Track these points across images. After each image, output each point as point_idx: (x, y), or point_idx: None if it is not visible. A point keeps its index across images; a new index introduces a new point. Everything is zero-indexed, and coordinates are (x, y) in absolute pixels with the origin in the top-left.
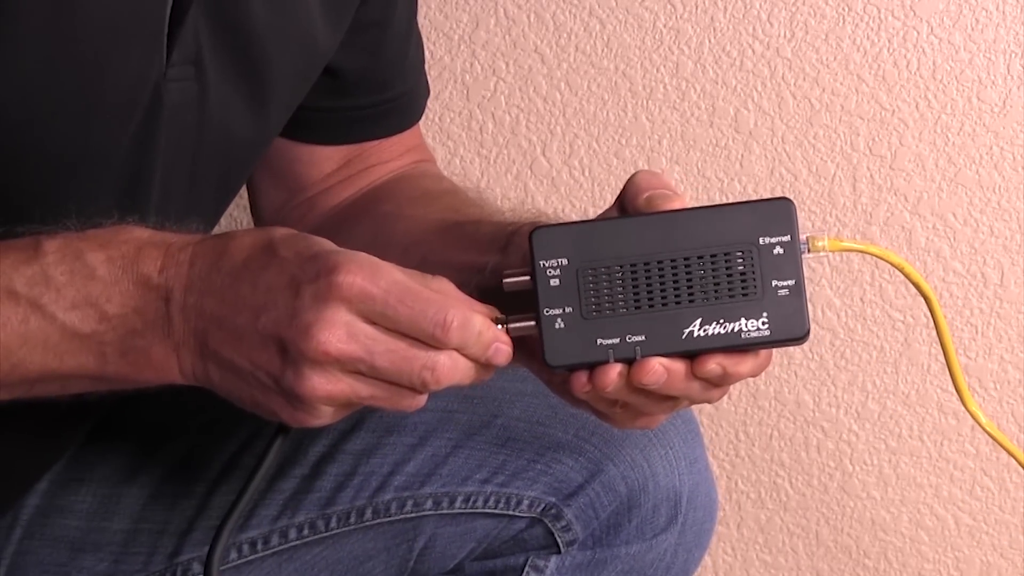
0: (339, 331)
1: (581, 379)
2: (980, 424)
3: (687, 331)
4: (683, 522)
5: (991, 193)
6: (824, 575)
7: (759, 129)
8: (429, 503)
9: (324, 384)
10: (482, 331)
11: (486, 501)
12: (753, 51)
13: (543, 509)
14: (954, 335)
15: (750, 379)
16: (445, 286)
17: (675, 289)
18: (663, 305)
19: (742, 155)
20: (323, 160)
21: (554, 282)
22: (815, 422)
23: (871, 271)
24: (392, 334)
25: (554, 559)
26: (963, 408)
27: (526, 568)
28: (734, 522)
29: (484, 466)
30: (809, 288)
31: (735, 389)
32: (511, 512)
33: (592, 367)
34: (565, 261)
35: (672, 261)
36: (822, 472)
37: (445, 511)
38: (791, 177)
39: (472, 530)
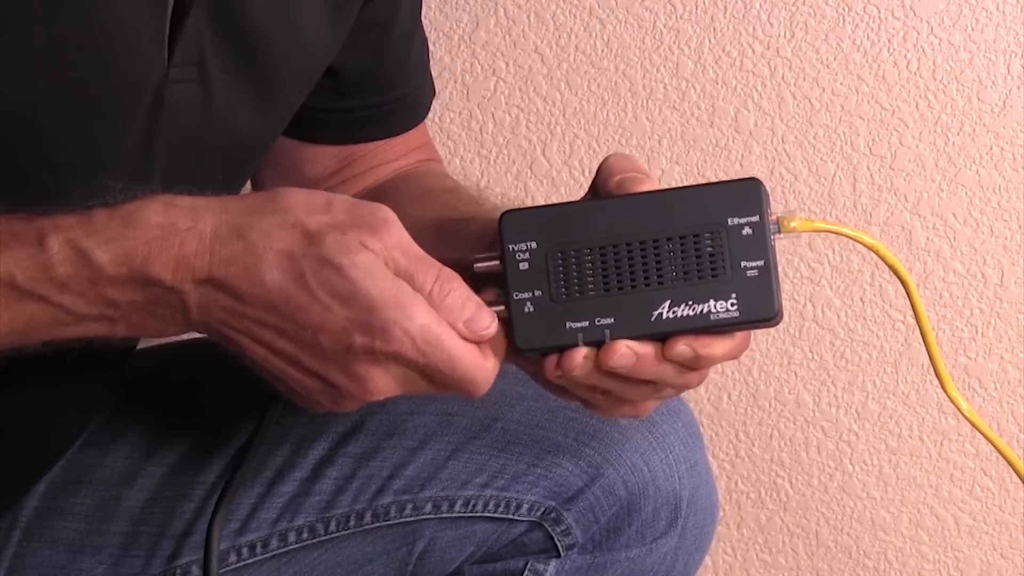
0: (390, 382)
1: (551, 363)
2: (962, 411)
3: (656, 313)
4: (683, 526)
5: (991, 193)
6: (824, 575)
7: (759, 129)
8: (428, 507)
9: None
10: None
11: (485, 505)
12: (753, 51)
13: (543, 513)
14: (954, 335)
15: (750, 379)
16: (455, 286)
17: (644, 271)
18: (632, 288)
19: (742, 155)
20: (328, 159)
21: (523, 266)
22: (815, 422)
23: (871, 271)
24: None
25: (553, 563)
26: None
27: (525, 572)
28: (734, 522)
29: (484, 470)
30: (809, 288)
31: (735, 389)
32: (510, 516)
33: (562, 350)
34: (534, 245)
35: (641, 243)
36: (822, 472)
37: (444, 515)
38: (791, 177)
39: (471, 534)
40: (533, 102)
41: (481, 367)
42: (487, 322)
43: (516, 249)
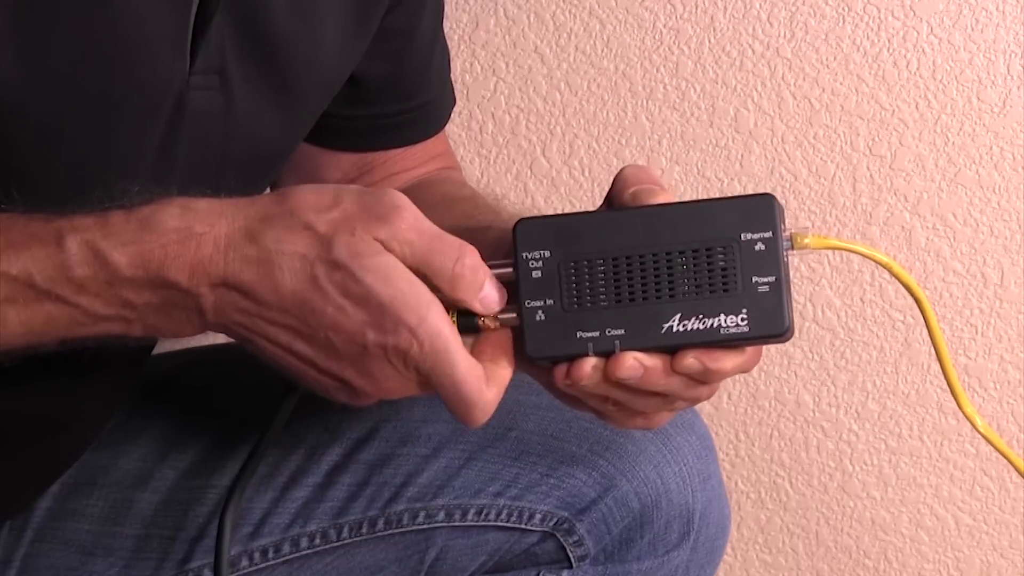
0: (404, 382)
1: (561, 372)
2: (977, 428)
3: (666, 326)
4: (695, 539)
5: (991, 193)
6: (824, 575)
7: (759, 129)
8: (441, 515)
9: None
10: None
11: (498, 514)
12: (753, 51)
13: (555, 523)
14: (954, 335)
15: (750, 379)
16: (475, 262)
17: (656, 284)
18: (644, 299)
19: (742, 155)
20: (347, 165)
21: (536, 274)
22: (815, 422)
23: (871, 271)
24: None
25: (565, 574)
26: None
27: None
28: (734, 522)
29: (497, 479)
30: (809, 288)
31: (735, 389)
32: (523, 526)
33: (572, 360)
34: (548, 253)
35: (654, 256)
36: (822, 472)
37: (457, 523)
38: (791, 177)
39: (484, 543)
40: (533, 102)
41: (481, 393)
42: (495, 298)
43: (530, 257)
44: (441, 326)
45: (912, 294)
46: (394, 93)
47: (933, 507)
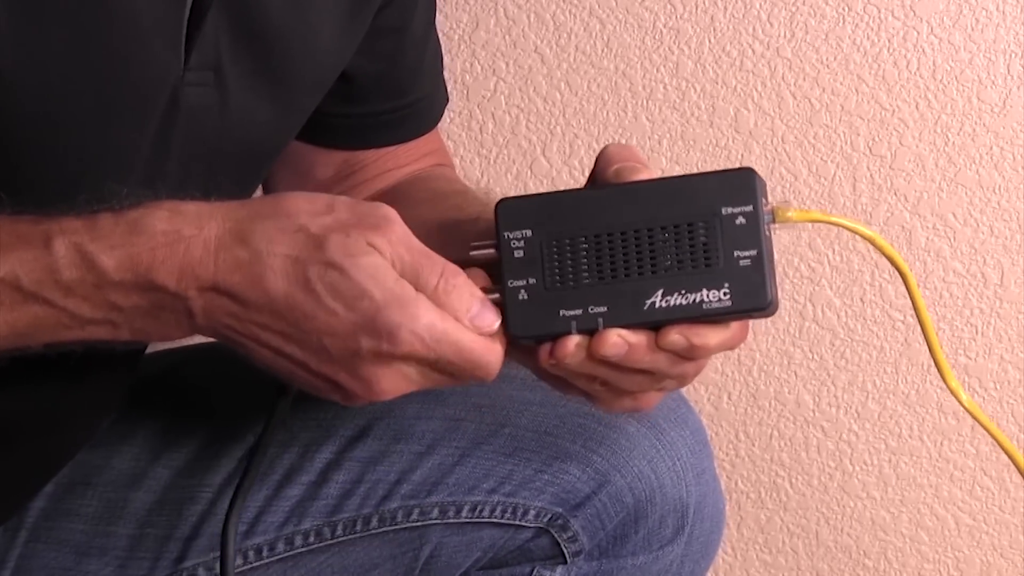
0: (398, 382)
1: (545, 351)
2: (961, 402)
3: (649, 302)
4: (690, 533)
5: (991, 193)
6: (824, 575)
7: (759, 129)
8: (435, 512)
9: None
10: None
11: (492, 510)
12: (753, 51)
13: (549, 519)
14: (954, 335)
15: (750, 379)
16: (460, 282)
17: (638, 260)
18: (626, 276)
19: (742, 155)
20: (339, 162)
21: (518, 253)
22: (815, 422)
23: (871, 271)
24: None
25: (560, 569)
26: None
27: None
28: (734, 522)
29: (491, 475)
30: (809, 288)
31: (735, 389)
32: (517, 522)
33: (555, 338)
34: (529, 232)
35: (635, 232)
36: (822, 472)
37: (451, 520)
38: (791, 177)
39: (478, 539)
40: (533, 102)
41: (491, 350)
42: (490, 319)
43: (511, 237)
44: (433, 317)
45: (896, 267)
46: (386, 91)
47: (933, 507)
